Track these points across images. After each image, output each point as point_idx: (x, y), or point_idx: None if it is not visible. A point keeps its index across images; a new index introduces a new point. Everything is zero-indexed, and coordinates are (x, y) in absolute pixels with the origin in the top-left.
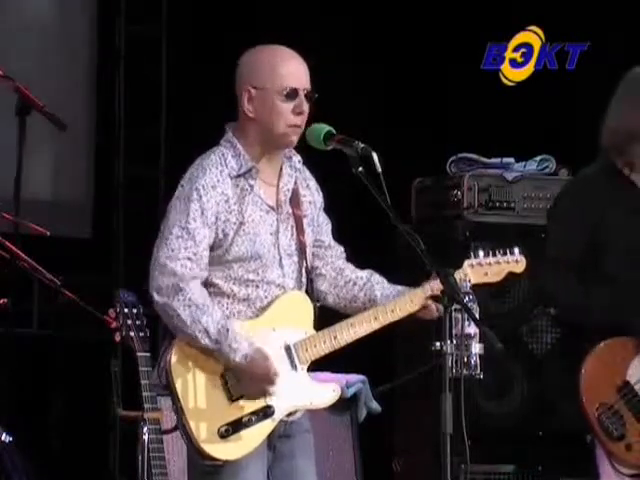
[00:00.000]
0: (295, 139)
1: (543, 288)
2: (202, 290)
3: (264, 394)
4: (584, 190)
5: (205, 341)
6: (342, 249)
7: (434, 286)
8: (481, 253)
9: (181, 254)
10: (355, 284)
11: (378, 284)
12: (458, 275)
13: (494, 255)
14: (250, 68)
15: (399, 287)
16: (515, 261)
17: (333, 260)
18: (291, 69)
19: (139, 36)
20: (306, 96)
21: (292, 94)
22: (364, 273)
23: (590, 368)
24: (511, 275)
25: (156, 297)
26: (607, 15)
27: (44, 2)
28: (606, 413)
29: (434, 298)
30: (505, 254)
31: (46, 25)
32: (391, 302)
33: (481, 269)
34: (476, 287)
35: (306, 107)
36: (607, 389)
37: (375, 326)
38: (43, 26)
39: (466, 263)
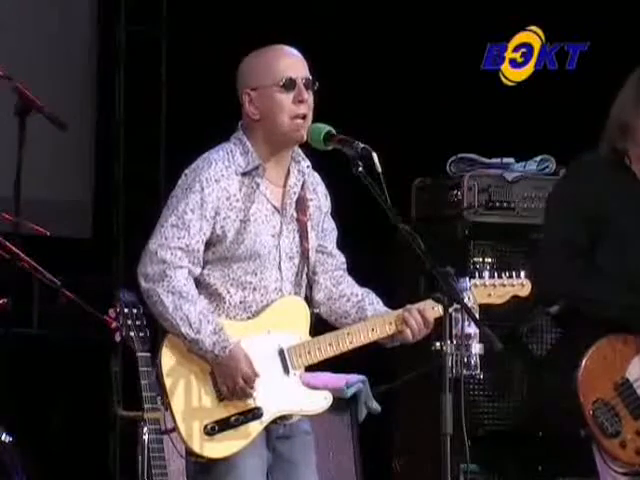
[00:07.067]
0: (303, 133)
1: (538, 282)
2: (188, 280)
3: (244, 392)
4: (584, 176)
5: (185, 329)
6: (343, 260)
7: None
8: (486, 274)
9: (173, 243)
10: (349, 300)
11: (371, 304)
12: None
13: (499, 277)
14: (246, 72)
15: (393, 311)
16: (520, 285)
17: (333, 269)
18: (285, 61)
19: (139, 36)
20: (306, 85)
21: (289, 84)
22: (360, 291)
23: (589, 363)
24: (515, 298)
25: (142, 283)
26: (607, 15)
27: (44, 2)
28: (602, 409)
29: (434, 300)
30: (511, 277)
31: (46, 25)
32: (373, 319)
33: (485, 290)
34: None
35: (307, 95)
36: (605, 385)
37: (372, 337)
38: (43, 26)
39: (471, 282)
